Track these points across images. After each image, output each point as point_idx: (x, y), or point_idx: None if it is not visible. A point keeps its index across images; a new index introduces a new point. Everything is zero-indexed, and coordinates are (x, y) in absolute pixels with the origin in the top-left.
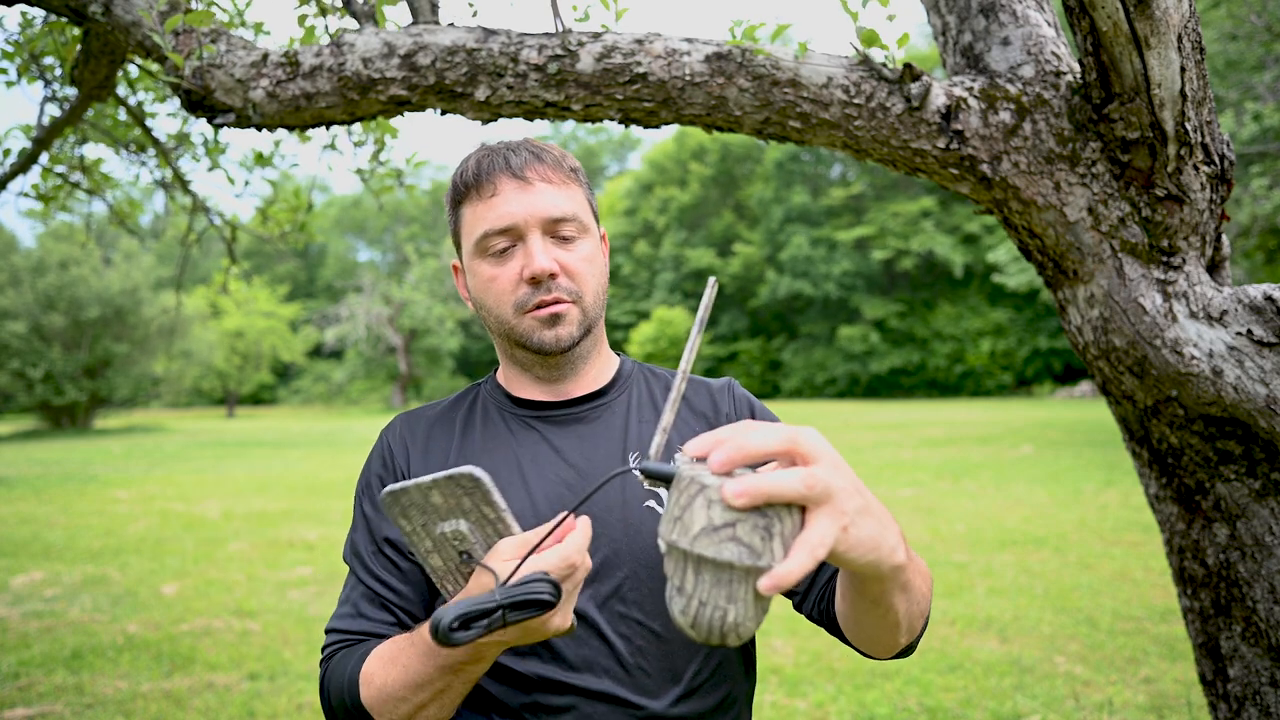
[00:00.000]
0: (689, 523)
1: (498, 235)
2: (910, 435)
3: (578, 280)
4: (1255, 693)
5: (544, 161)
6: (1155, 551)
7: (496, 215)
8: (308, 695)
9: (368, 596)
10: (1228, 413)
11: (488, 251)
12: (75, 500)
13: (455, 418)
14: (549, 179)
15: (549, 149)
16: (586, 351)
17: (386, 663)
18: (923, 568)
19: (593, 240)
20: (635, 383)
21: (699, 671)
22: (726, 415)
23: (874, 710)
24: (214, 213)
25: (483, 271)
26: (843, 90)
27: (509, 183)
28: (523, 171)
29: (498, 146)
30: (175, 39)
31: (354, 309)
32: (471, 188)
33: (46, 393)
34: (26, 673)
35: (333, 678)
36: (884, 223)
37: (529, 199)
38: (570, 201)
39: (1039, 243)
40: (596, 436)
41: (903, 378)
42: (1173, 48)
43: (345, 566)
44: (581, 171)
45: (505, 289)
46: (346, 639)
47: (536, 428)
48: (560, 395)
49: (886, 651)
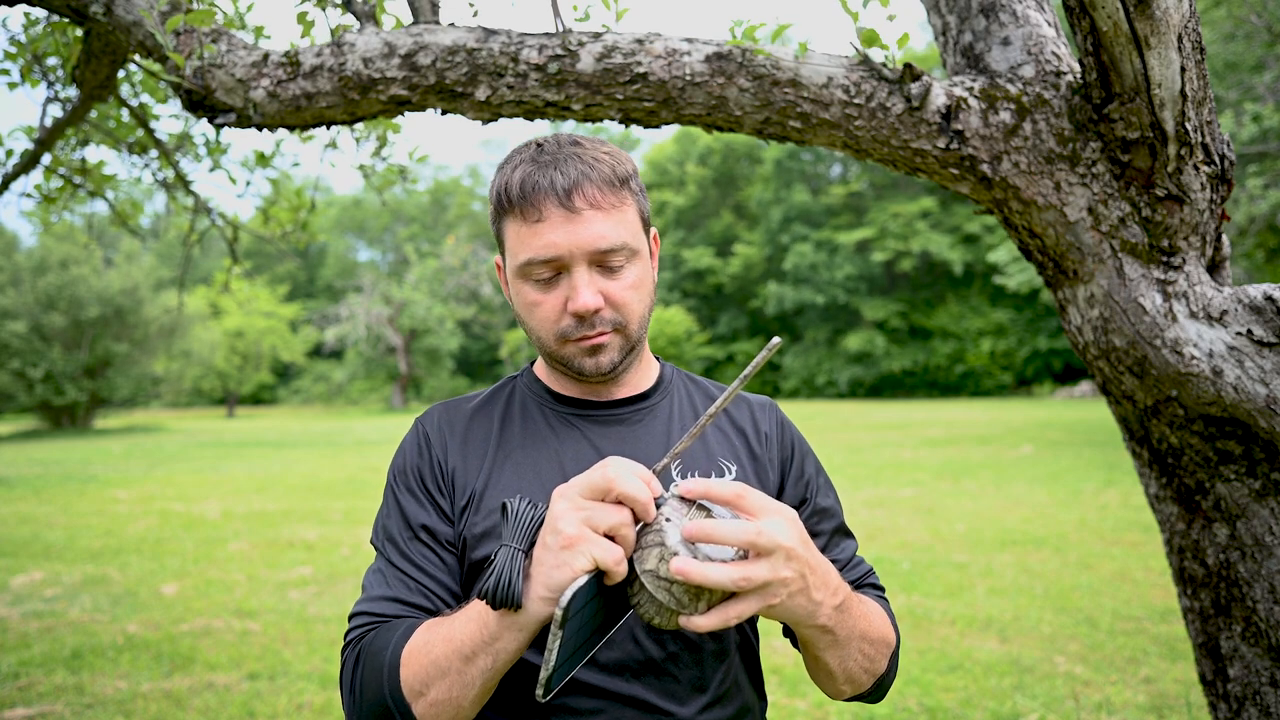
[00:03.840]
0: (643, 557)
1: (542, 265)
2: (910, 435)
3: (623, 310)
4: (1255, 693)
5: (593, 181)
6: (1155, 551)
7: (542, 244)
8: (308, 695)
9: (402, 580)
10: (1228, 413)
11: (531, 277)
12: (75, 500)
13: (494, 411)
14: (598, 204)
15: (600, 159)
16: (629, 364)
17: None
18: (873, 633)
19: (641, 262)
20: (676, 388)
21: (723, 680)
22: (765, 435)
23: (874, 710)
24: (216, 213)
25: (526, 295)
26: (843, 90)
27: (555, 211)
28: (570, 199)
29: (546, 154)
30: (176, 39)
31: (354, 309)
32: (517, 205)
33: (46, 393)
34: (26, 673)
35: (367, 658)
36: (884, 223)
37: (576, 230)
38: (619, 227)
39: (1039, 243)
40: (638, 440)
41: (904, 378)
42: (1173, 48)
43: (345, 567)
44: (634, 178)
45: (549, 316)
46: (378, 621)
47: (578, 425)
48: (601, 396)
49: (834, 695)
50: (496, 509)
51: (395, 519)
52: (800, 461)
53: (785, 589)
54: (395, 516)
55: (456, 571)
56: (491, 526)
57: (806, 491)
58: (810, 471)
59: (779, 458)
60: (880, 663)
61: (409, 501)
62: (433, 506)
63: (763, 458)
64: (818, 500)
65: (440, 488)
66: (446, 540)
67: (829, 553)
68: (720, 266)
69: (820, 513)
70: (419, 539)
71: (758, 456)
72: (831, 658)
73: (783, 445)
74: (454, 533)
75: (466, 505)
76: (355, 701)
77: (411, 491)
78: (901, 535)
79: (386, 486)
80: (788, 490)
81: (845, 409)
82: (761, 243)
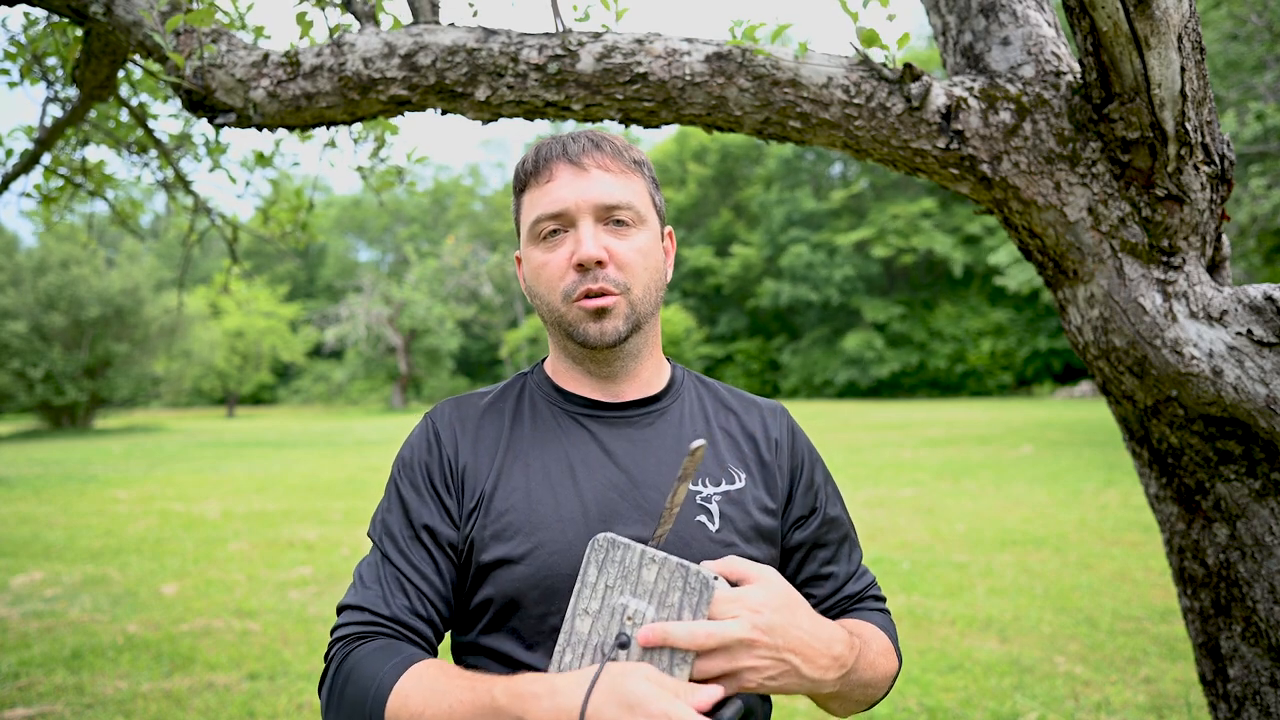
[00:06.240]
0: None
1: (549, 220)
2: (910, 435)
3: (627, 272)
4: (1255, 693)
5: (602, 150)
6: (1155, 551)
7: (550, 200)
8: (307, 695)
9: (396, 579)
10: (1228, 413)
11: (540, 236)
12: (75, 500)
13: (504, 408)
14: (606, 167)
15: (611, 139)
16: (637, 349)
17: (430, 693)
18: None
19: (649, 233)
20: (687, 391)
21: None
22: (776, 441)
23: (874, 710)
24: (215, 213)
25: (535, 257)
26: (843, 90)
27: (565, 168)
28: (579, 158)
29: (560, 135)
30: (176, 39)
31: (354, 309)
32: (531, 175)
33: (47, 393)
34: (26, 673)
35: (355, 674)
36: (884, 224)
37: (582, 184)
38: (626, 190)
39: (1039, 243)
40: (648, 443)
41: (903, 378)
42: (1173, 48)
43: (345, 567)
44: (647, 165)
45: (554, 275)
46: (367, 627)
47: (587, 426)
48: (612, 396)
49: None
50: (506, 511)
51: (397, 515)
52: (810, 470)
53: (758, 676)
54: (397, 512)
55: (452, 576)
56: (501, 529)
57: (816, 501)
58: (820, 480)
59: (789, 465)
60: (881, 692)
61: (413, 498)
62: (437, 506)
63: (772, 465)
64: (827, 510)
65: (448, 487)
66: (448, 542)
67: (835, 563)
68: (720, 266)
69: (829, 522)
70: (419, 539)
71: (767, 464)
72: (834, 704)
73: (794, 453)
74: (458, 535)
75: (475, 507)
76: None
77: (417, 488)
78: (901, 535)
79: (390, 480)
80: (797, 499)
81: (845, 409)
82: (761, 243)
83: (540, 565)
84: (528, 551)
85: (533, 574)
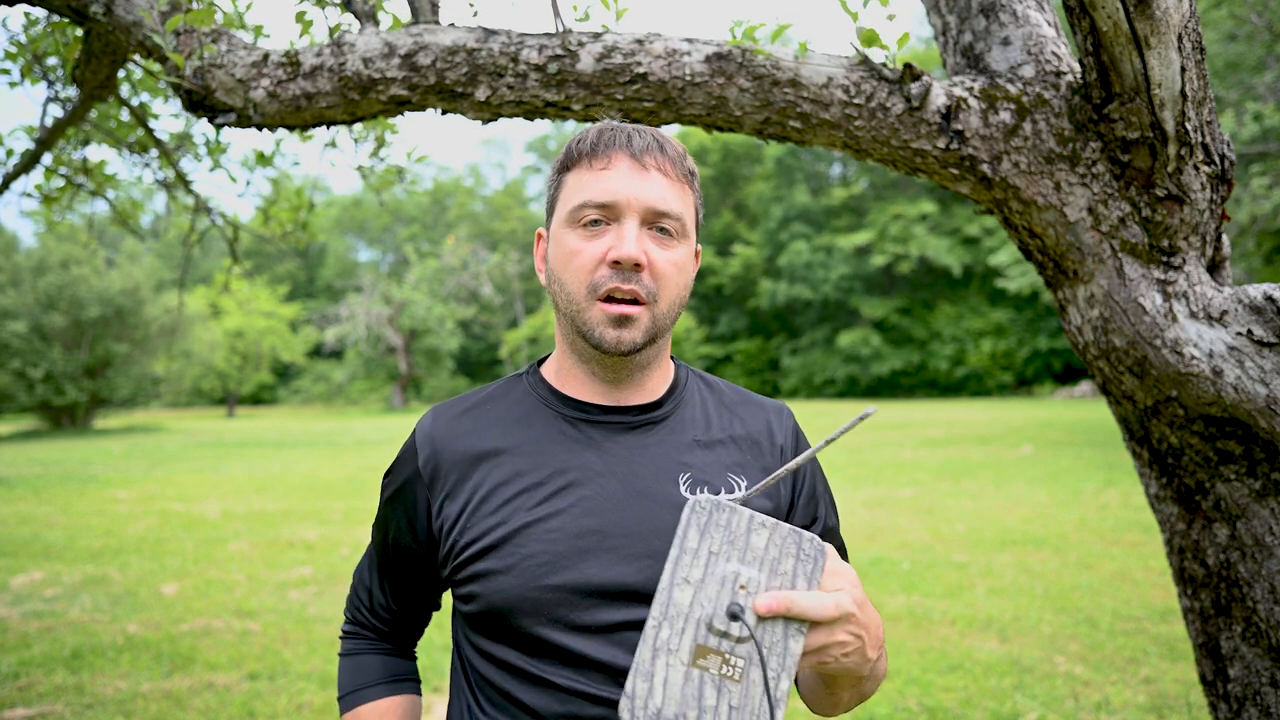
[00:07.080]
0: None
1: (595, 208)
2: (910, 435)
3: (661, 282)
4: (1255, 693)
5: (665, 153)
6: (1155, 551)
7: (602, 188)
8: (308, 695)
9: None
10: (1228, 413)
11: (579, 221)
12: (75, 500)
13: (497, 413)
14: (665, 171)
15: (673, 143)
16: (648, 360)
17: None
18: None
19: (687, 248)
20: (690, 394)
21: None
22: (781, 448)
23: (874, 710)
24: (216, 213)
25: (568, 242)
26: (843, 90)
27: (624, 161)
28: (641, 155)
29: (624, 124)
30: (176, 39)
31: (354, 309)
32: (585, 155)
33: (47, 393)
34: (26, 673)
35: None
36: (884, 224)
37: (638, 182)
38: (678, 200)
39: (1039, 243)
40: (647, 449)
41: (903, 378)
42: (1173, 48)
43: (345, 567)
44: (697, 179)
45: (585, 266)
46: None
47: (585, 431)
48: (613, 400)
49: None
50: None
51: (378, 526)
52: (812, 478)
53: (840, 650)
54: (379, 524)
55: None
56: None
57: (817, 511)
58: (820, 489)
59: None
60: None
61: (391, 513)
62: (407, 525)
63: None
64: (827, 520)
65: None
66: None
67: None
68: (720, 266)
69: (829, 532)
70: (398, 549)
71: (770, 470)
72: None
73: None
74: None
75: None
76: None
77: (390, 504)
78: (901, 535)
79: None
80: (799, 507)
81: (845, 409)
82: (761, 243)
83: (528, 576)
84: (515, 563)
85: (519, 585)
